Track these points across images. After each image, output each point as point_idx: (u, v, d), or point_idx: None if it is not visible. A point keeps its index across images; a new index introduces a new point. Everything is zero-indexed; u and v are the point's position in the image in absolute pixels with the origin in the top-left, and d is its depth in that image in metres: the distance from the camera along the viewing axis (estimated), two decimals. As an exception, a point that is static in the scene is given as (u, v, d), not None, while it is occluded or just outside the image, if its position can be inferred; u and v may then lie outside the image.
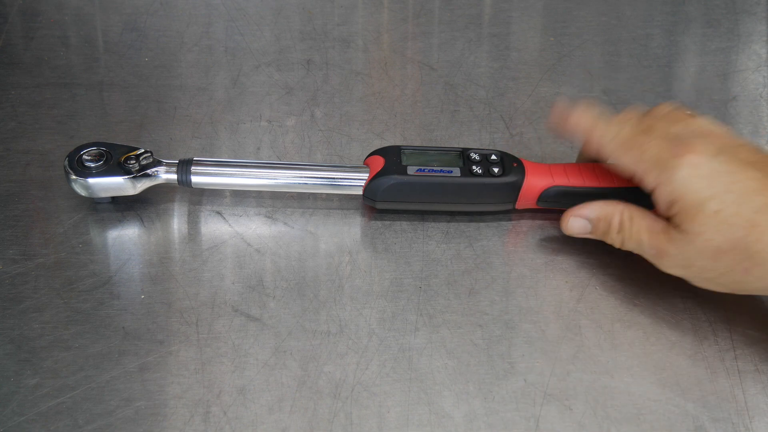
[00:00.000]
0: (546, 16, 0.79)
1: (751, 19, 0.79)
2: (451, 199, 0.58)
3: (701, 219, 0.49)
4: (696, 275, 0.52)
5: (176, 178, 0.58)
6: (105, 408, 0.48)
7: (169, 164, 0.58)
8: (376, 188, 0.57)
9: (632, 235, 0.53)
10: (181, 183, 0.58)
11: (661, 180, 0.51)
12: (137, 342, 0.51)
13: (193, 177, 0.57)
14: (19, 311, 0.52)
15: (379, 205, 0.59)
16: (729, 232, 0.49)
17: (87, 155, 0.57)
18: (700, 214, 0.49)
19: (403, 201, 0.58)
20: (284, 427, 0.48)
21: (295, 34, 0.75)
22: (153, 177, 0.58)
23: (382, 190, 0.57)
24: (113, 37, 0.73)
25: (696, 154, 0.50)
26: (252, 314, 0.53)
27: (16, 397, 0.48)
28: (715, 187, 0.49)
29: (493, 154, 0.59)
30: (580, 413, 0.49)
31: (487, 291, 0.56)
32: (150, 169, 0.57)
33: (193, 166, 0.57)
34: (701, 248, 0.50)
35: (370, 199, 0.58)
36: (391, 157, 0.58)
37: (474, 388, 0.50)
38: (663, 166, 0.51)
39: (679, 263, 0.52)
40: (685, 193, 0.50)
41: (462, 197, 0.58)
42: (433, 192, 0.58)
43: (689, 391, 0.51)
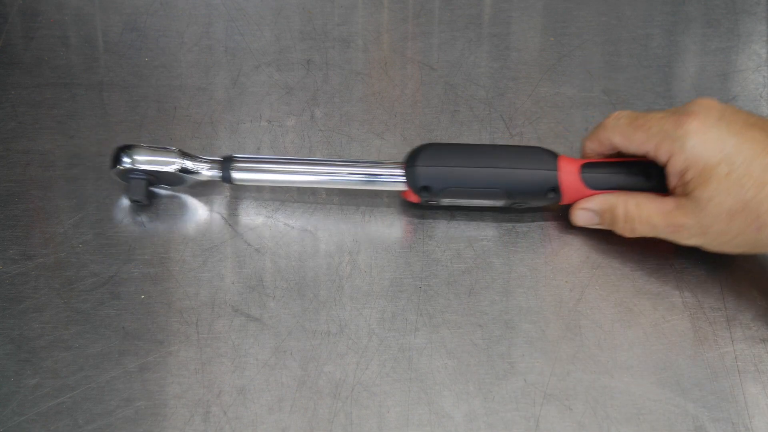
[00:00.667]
0: (546, 16, 0.79)
1: (751, 19, 0.79)
2: (492, 161, 0.57)
3: (713, 183, 0.51)
4: (712, 241, 0.53)
5: (220, 175, 0.58)
6: (105, 408, 0.48)
7: (211, 161, 0.58)
8: (415, 155, 0.57)
9: (642, 220, 0.54)
10: (224, 180, 0.58)
11: (674, 150, 0.53)
12: (137, 342, 0.51)
13: (234, 173, 0.58)
14: (19, 311, 0.52)
15: (421, 178, 0.56)
16: (740, 193, 0.50)
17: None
18: (713, 177, 0.51)
19: (443, 165, 0.56)
20: (284, 427, 0.48)
21: (295, 34, 0.75)
22: (195, 174, 0.58)
23: (421, 153, 0.56)
24: (113, 37, 0.73)
25: (699, 121, 0.52)
26: (252, 314, 0.53)
27: (16, 397, 0.48)
28: (725, 150, 0.51)
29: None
30: (580, 413, 0.49)
31: (487, 291, 0.56)
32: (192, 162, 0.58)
33: (234, 162, 0.58)
34: (715, 212, 0.51)
35: (410, 173, 0.56)
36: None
37: (474, 388, 0.50)
38: (672, 137, 0.53)
39: (695, 233, 0.52)
40: (698, 159, 0.51)
41: (502, 160, 0.57)
42: (474, 153, 0.57)
43: (689, 391, 0.51)
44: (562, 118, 0.69)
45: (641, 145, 0.55)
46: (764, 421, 0.49)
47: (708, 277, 0.57)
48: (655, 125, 0.54)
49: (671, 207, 0.53)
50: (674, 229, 0.53)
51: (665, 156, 0.53)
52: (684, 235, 0.53)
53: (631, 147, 0.55)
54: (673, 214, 0.53)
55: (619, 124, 0.56)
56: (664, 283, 0.57)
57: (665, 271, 0.57)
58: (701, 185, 0.51)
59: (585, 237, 0.59)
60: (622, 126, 0.56)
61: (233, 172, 0.58)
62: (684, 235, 0.53)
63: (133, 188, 0.58)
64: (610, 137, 0.57)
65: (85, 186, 0.61)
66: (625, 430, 0.49)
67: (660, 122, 0.54)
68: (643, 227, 0.55)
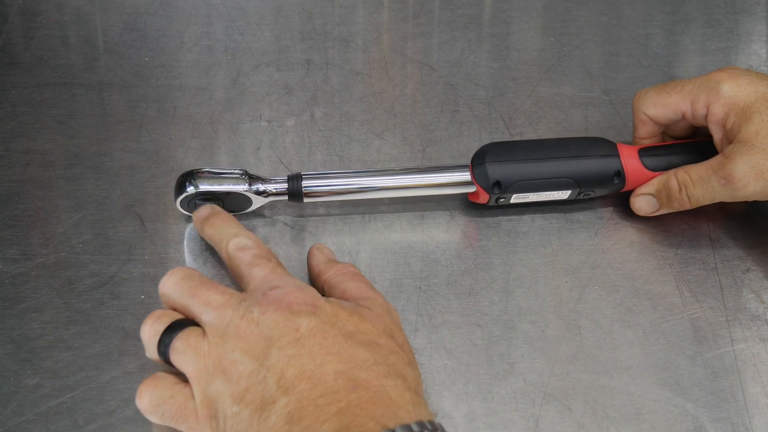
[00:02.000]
0: (546, 16, 0.79)
1: (751, 19, 0.79)
2: (557, 153, 0.58)
3: (756, 117, 0.52)
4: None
5: (287, 192, 0.57)
6: (105, 408, 0.48)
7: (277, 181, 0.57)
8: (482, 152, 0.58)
9: (695, 182, 0.55)
10: (292, 198, 0.57)
11: (710, 99, 0.54)
12: (137, 342, 0.51)
13: (305, 189, 0.57)
14: (19, 311, 0.53)
15: (490, 170, 0.57)
16: None
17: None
18: (755, 113, 0.52)
19: (511, 160, 0.57)
20: (284, 427, 0.48)
21: (295, 34, 0.75)
22: (269, 195, 0.57)
23: (487, 150, 0.58)
24: (113, 37, 0.73)
25: (728, 72, 0.55)
26: (252, 314, 0.53)
27: (16, 397, 0.48)
28: (759, 90, 0.53)
29: None
30: (579, 413, 0.49)
31: (487, 291, 0.56)
32: (261, 185, 0.56)
33: (304, 181, 0.57)
34: (764, 146, 0.52)
35: (479, 166, 0.57)
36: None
37: (474, 388, 0.50)
38: (706, 87, 0.55)
39: (751, 176, 0.52)
40: (736, 101, 0.53)
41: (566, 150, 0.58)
42: (538, 147, 0.58)
43: (689, 391, 0.51)
44: (562, 118, 0.69)
45: (678, 106, 0.56)
46: (764, 420, 0.49)
47: (708, 277, 0.57)
48: (687, 84, 0.56)
49: (719, 159, 0.54)
50: (728, 178, 0.53)
51: (703, 108, 0.55)
52: (740, 183, 0.53)
53: (668, 112, 0.57)
54: (723, 164, 0.53)
55: (647, 96, 0.58)
56: (664, 283, 0.57)
57: (665, 271, 0.57)
58: (745, 124, 0.52)
59: (585, 237, 0.59)
60: (652, 96, 0.58)
61: (303, 190, 0.57)
62: (740, 183, 0.53)
63: None
64: (645, 111, 0.58)
65: (85, 186, 0.61)
66: (624, 430, 0.49)
67: (691, 81, 0.56)
68: (698, 189, 0.55)
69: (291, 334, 0.42)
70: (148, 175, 0.62)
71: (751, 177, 0.52)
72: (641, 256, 0.58)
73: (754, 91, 0.53)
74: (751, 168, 0.52)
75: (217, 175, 0.56)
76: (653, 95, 0.58)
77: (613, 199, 0.62)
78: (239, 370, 0.42)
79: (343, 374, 0.41)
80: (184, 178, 0.56)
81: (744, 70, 0.55)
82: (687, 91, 0.56)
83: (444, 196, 0.61)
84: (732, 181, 0.53)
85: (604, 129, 0.68)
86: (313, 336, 0.42)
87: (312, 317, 0.43)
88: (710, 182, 0.54)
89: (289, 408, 0.40)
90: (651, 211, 0.59)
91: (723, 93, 0.54)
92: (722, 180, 0.53)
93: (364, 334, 0.44)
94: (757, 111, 0.52)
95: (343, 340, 0.43)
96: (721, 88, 0.54)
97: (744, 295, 0.56)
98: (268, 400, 0.41)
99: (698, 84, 0.55)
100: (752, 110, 0.52)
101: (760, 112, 0.52)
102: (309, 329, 0.43)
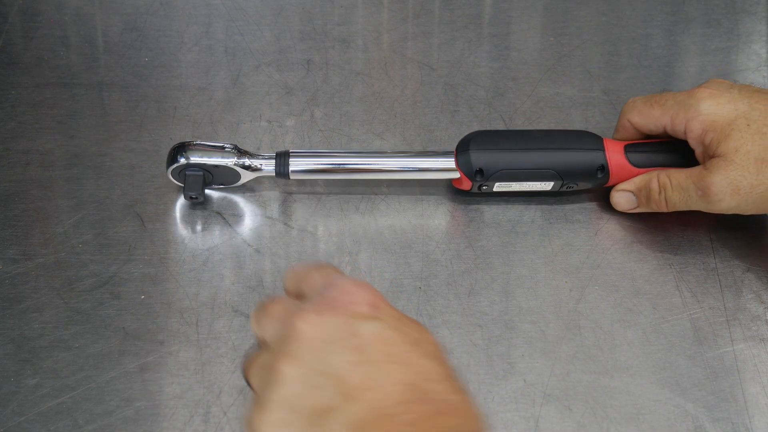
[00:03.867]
0: (546, 16, 0.79)
1: (751, 19, 0.79)
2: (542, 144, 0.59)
3: (736, 134, 0.52)
4: (745, 198, 0.53)
5: (274, 170, 0.59)
6: (105, 408, 0.48)
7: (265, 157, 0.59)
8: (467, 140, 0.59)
9: (674, 188, 0.56)
10: (279, 174, 0.59)
11: (689, 116, 0.54)
12: (137, 342, 0.51)
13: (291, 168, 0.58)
14: (19, 311, 0.52)
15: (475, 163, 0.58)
16: (764, 140, 0.51)
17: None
18: (734, 130, 0.52)
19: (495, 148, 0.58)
20: (284, 427, 0.48)
21: (295, 34, 0.75)
22: (256, 170, 0.59)
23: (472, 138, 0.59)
24: (113, 37, 0.73)
25: (711, 89, 0.55)
26: (252, 314, 0.53)
27: (16, 397, 0.48)
28: (739, 108, 0.53)
29: None
30: (579, 413, 0.49)
31: (487, 291, 0.56)
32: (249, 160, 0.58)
33: (291, 158, 0.58)
34: (743, 163, 0.52)
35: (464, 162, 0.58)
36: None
37: (474, 388, 0.50)
38: (686, 104, 0.55)
39: (727, 191, 0.53)
40: (714, 118, 0.53)
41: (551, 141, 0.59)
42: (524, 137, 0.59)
43: (689, 391, 0.51)
44: (562, 118, 0.69)
45: (658, 120, 0.57)
46: (764, 421, 0.49)
47: (708, 277, 0.57)
48: (670, 99, 0.56)
49: (699, 169, 0.54)
50: (704, 190, 0.54)
51: (682, 124, 0.55)
52: (715, 197, 0.53)
53: (650, 124, 0.58)
54: (702, 176, 0.54)
55: (635, 105, 0.59)
56: (664, 283, 0.57)
57: (665, 271, 0.57)
58: (724, 140, 0.52)
59: (585, 237, 0.59)
60: (638, 106, 0.58)
61: (290, 167, 0.58)
62: (715, 196, 0.53)
63: (190, 183, 0.58)
64: (629, 118, 0.59)
65: (85, 186, 0.61)
66: (624, 430, 0.49)
67: (674, 96, 0.56)
68: (676, 195, 0.56)
69: (351, 339, 0.40)
70: (148, 175, 0.62)
71: (727, 192, 0.53)
72: (641, 256, 0.58)
73: (733, 109, 0.53)
74: (728, 183, 0.52)
75: (208, 147, 0.58)
76: (640, 105, 0.58)
77: (613, 199, 0.62)
78: (291, 374, 0.39)
79: (413, 386, 0.38)
80: (175, 150, 0.58)
81: (728, 85, 0.55)
82: (668, 107, 0.56)
83: (443, 190, 0.61)
84: (708, 194, 0.53)
85: (604, 129, 0.67)
86: (376, 343, 0.40)
87: (374, 322, 0.40)
88: (688, 191, 0.55)
89: (354, 416, 0.37)
90: (629, 208, 0.59)
91: (701, 111, 0.54)
92: (699, 191, 0.54)
93: (428, 344, 0.41)
94: (737, 128, 0.52)
95: (409, 349, 0.40)
96: (700, 105, 0.54)
97: (744, 295, 0.56)
98: (326, 407, 0.38)
99: (679, 100, 0.56)
100: (731, 128, 0.52)
101: (739, 130, 0.52)
102: (372, 334, 0.40)
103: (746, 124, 0.52)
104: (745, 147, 0.52)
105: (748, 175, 0.52)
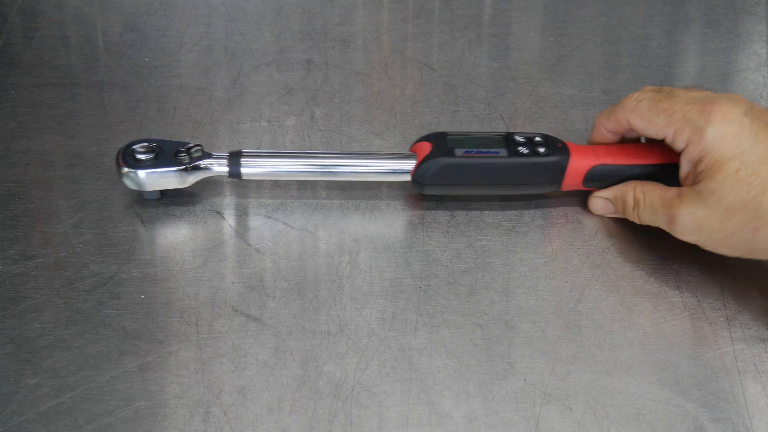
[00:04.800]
0: (546, 16, 0.79)
1: (751, 19, 0.79)
2: (499, 180, 0.59)
3: (720, 177, 0.51)
4: (707, 238, 0.53)
5: (227, 171, 0.58)
6: (105, 408, 0.48)
7: (219, 157, 0.59)
8: (425, 172, 0.58)
9: (646, 206, 0.56)
10: (231, 175, 0.59)
11: (692, 139, 0.53)
12: (137, 342, 0.51)
13: (243, 169, 0.58)
14: (19, 311, 0.52)
15: (427, 190, 0.59)
16: (743, 191, 0.50)
17: (139, 149, 0.58)
18: (721, 172, 0.51)
19: (451, 184, 0.59)
20: (284, 427, 0.48)
21: (295, 34, 0.75)
22: (204, 170, 0.58)
23: (431, 173, 0.58)
24: (113, 37, 0.73)
25: (723, 113, 0.52)
26: (252, 314, 0.53)
27: (16, 397, 0.48)
28: (741, 147, 0.51)
29: (537, 136, 0.60)
30: (580, 413, 0.49)
31: (487, 291, 0.56)
32: (200, 161, 0.58)
33: (243, 157, 0.58)
34: (713, 207, 0.51)
35: (418, 183, 0.59)
36: (438, 141, 0.59)
37: (474, 388, 0.50)
38: (694, 124, 0.53)
39: (690, 226, 0.53)
40: (713, 151, 0.52)
41: (509, 177, 0.59)
42: (481, 173, 0.58)
43: (689, 391, 0.51)
44: (562, 118, 0.69)
45: (661, 130, 0.55)
46: (764, 421, 0.49)
47: (708, 277, 0.57)
48: (679, 111, 0.54)
49: (673, 195, 0.54)
50: (670, 218, 0.54)
51: (683, 143, 0.54)
52: (679, 228, 0.54)
53: (650, 130, 0.56)
54: (672, 203, 0.54)
55: (639, 106, 0.56)
56: (664, 283, 0.57)
57: (665, 271, 0.57)
58: (709, 177, 0.52)
59: (585, 237, 0.59)
60: (642, 109, 0.56)
61: (242, 168, 0.58)
62: (679, 227, 0.54)
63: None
64: (629, 119, 0.57)
65: (85, 186, 0.61)
66: (625, 430, 0.49)
67: (684, 109, 0.54)
68: (647, 213, 0.56)
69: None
70: (148, 175, 0.62)
71: (690, 227, 0.53)
72: (641, 256, 0.58)
73: (735, 146, 0.51)
74: (693, 220, 0.52)
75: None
76: (645, 110, 0.56)
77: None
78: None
79: None
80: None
81: (743, 110, 0.52)
82: (675, 120, 0.54)
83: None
84: (673, 223, 0.54)
85: (604, 129, 0.67)
86: None
87: None
88: (657, 213, 0.55)
89: None
90: (607, 213, 0.60)
91: (706, 139, 0.52)
92: (666, 216, 0.54)
93: None
94: (725, 170, 0.51)
95: None
96: (707, 132, 0.52)
97: (744, 295, 0.56)
98: None
99: (689, 117, 0.53)
100: (721, 167, 0.51)
101: (726, 173, 0.51)
102: None
103: (736, 168, 0.51)
104: (721, 193, 0.51)
105: (713, 219, 0.52)
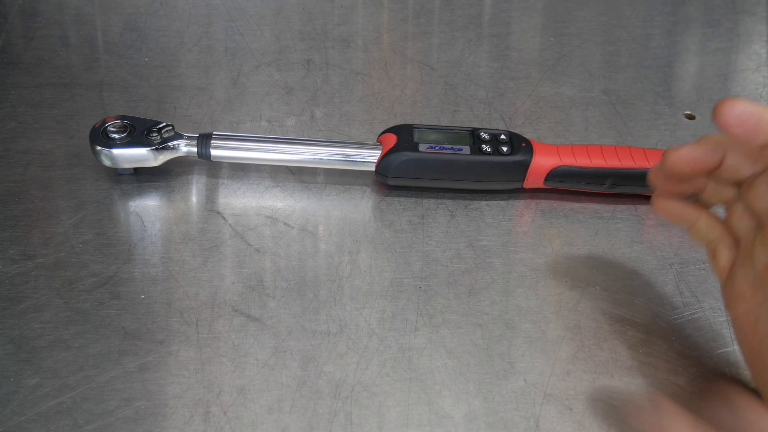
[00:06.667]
0: (546, 16, 0.79)
1: (751, 19, 0.79)
2: (460, 177, 0.60)
3: None
4: None
5: (196, 151, 0.60)
6: (105, 408, 0.48)
7: (189, 138, 0.60)
8: (388, 165, 0.59)
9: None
10: (200, 156, 0.60)
11: None
12: (137, 342, 0.51)
13: (213, 150, 0.60)
14: (19, 311, 0.52)
15: (390, 181, 0.61)
16: None
17: (111, 127, 0.59)
18: None
19: (413, 177, 0.60)
20: (284, 427, 0.48)
21: (295, 34, 0.75)
22: (174, 149, 0.60)
23: (394, 166, 0.59)
24: (113, 37, 0.73)
25: None
26: (252, 314, 0.53)
27: (16, 397, 0.48)
28: None
29: (503, 134, 0.61)
30: (580, 413, 0.49)
31: (487, 291, 0.56)
32: (171, 141, 0.59)
33: (213, 139, 0.60)
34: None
35: (382, 175, 0.60)
36: (404, 134, 0.60)
37: (474, 388, 0.50)
38: None
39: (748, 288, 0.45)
40: None
41: (470, 175, 0.60)
42: (442, 169, 0.59)
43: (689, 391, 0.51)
44: (562, 118, 0.69)
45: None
46: (764, 421, 0.49)
47: (708, 277, 0.57)
48: None
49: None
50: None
51: None
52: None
53: None
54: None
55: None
56: (664, 283, 0.57)
57: (665, 271, 0.57)
58: None
59: (585, 237, 0.59)
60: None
61: (212, 150, 0.60)
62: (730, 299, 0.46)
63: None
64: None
65: (85, 186, 0.61)
66: (625, 430, 0.49)
67: None
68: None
69: None
70: (148, 175, 0.62)
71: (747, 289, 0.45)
72: (641, 256, 0.58)
73: None
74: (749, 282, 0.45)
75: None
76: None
77: (614, 199, 0.62)
78: None
79: None
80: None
81: None
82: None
83: (444, 190, 0.61)
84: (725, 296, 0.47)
85: (604, 129, 0.68)
86: None
87: None
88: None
89: None
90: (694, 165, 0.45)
91: None
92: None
93: None
94: None
95: None
96: None
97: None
98: None
99: None
100: None
101: None
102: None
103: None
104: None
105: None
